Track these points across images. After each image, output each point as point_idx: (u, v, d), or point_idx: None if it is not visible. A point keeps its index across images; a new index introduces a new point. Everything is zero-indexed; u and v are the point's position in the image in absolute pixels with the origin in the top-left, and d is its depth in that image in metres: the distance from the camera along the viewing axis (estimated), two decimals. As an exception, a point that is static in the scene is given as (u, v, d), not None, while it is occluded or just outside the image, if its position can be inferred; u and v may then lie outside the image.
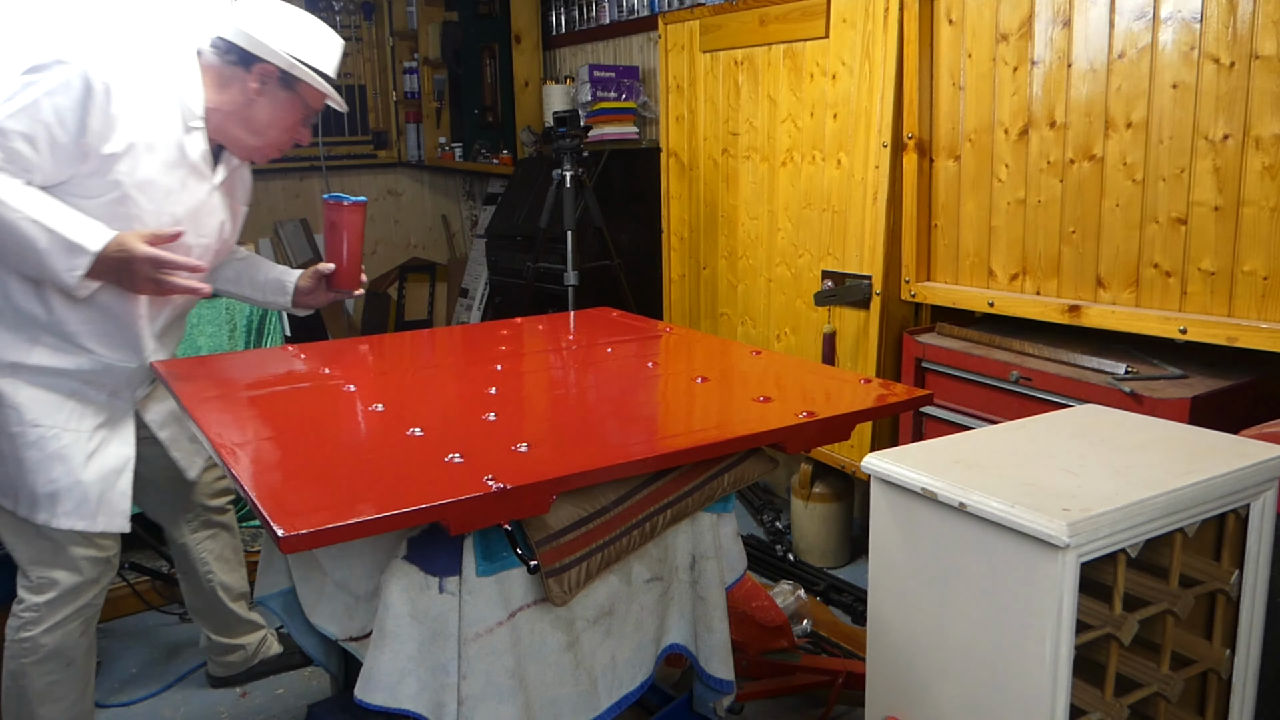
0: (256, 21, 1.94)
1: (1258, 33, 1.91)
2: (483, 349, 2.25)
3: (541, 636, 1.54)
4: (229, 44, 1.94)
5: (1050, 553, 1.22)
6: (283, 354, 2.22)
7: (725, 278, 3.37)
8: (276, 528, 1.22)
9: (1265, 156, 1.94)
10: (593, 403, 1.91)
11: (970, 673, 1.36)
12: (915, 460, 1.43)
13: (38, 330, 1.90)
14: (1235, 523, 1.43)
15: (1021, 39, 2.35)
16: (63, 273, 1.76)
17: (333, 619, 1.62)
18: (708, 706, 1.81)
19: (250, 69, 1.95)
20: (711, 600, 1.72)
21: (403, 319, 5.70)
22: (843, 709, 2.31)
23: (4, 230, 1.72)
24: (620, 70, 4.17)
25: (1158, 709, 1.44)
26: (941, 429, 2.54)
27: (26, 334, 1.90)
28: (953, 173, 2.59)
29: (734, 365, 2.12)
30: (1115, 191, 2.21)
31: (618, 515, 1.56)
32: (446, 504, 1.31)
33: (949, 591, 1.37)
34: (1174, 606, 1.37)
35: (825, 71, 2.86)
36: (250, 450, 1.53)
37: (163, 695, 2.50)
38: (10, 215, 1.71)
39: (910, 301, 2.74)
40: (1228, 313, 2.05)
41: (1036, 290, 2.43)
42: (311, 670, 2.58)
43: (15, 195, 1.72)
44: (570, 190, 3.34)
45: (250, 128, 2.01)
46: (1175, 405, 1.99)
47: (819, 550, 3.11)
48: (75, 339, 1.93)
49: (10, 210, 1.71)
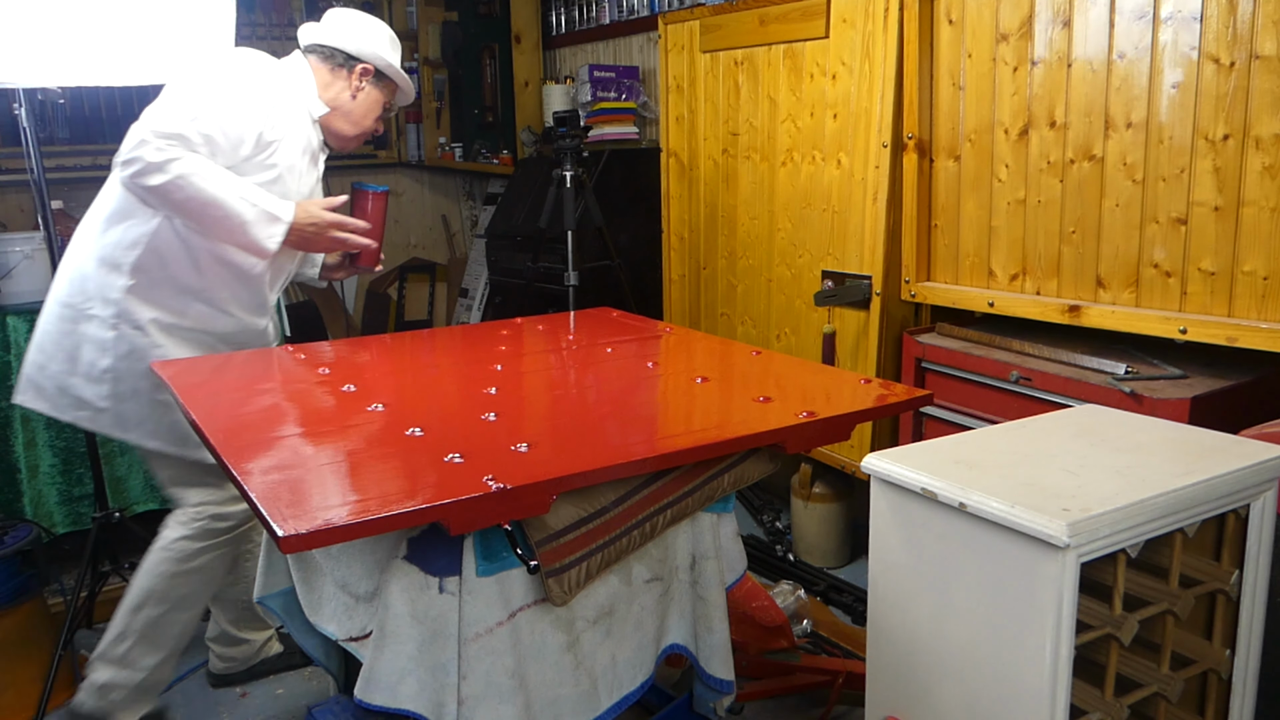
0: (352, 30, 2.31)
1: (1258, 33, 1.91)
2: (483, 349, 2.25)
3: (541, 636, 1.54)
4: (332, 49, 2.29)
5: (1050, 553, 1.22)
6: (283, 354, 2.22)
7: (725, 278, 3.37)
8: (276, 528, 1.22)
9: (1265, 156, 1.94)
10: (593, 403, 1.91)
11: (970, 673, 1.35)
12: (915, 460, 1.43)
13: (191, 298, 2.20)
14: (1235, 523, 1.43)
15: (1021, 39, 2.35)
16: (264, 240, 2.10)
17: (333, 619, 1.62)
18: (708, 706, 1.81)
19: (352, 69, 2.31)
20: (711, 600, 1.72)
21: (403, 319, 5.69)
22: (843, 709, 2.31)
23: (218, 205, 2.04)
24: (620, 70, 4.17)
25: (1158, 709, 1.44)
26: (941, 429, 2.54)
27: (183, 301, 2.20)
28: (953, 173, 2.59)
29: (734, 365, 2.12)
30: (1115, 191, 2.21)
31: (618, 515, 1.56)
32: (446, 504, 1.31)
33: (949, 591, 1.37)
34: (1174, 606, 1.37)
35: (825, 71, 2.86)
36: (250, 450, 1.53)
37: (163, 695, 2.50)
38: (224, 193, 2.05)
39: (910, 301, 2.74)
40: (1228, 313, 2.05)
41: (1036, 290, 2.43)
42: (311, 670, 2.58)
43: (223, 176, 2.06)
44: (570, 190, 3.34)
45: (350, 120, 2.35)
46: (1175, 405, 1.99)
47: (819, 550, 3.11)
48: (221, 304, 2.24)
49: (223, 189, 2.05)
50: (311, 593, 1.66)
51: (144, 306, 2.16)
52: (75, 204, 3.86)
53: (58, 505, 3.04)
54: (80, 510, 3.06)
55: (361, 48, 2.30)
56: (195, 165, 2.02)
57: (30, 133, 2.48)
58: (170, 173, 1.99)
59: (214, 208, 2.05)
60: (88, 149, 4.31)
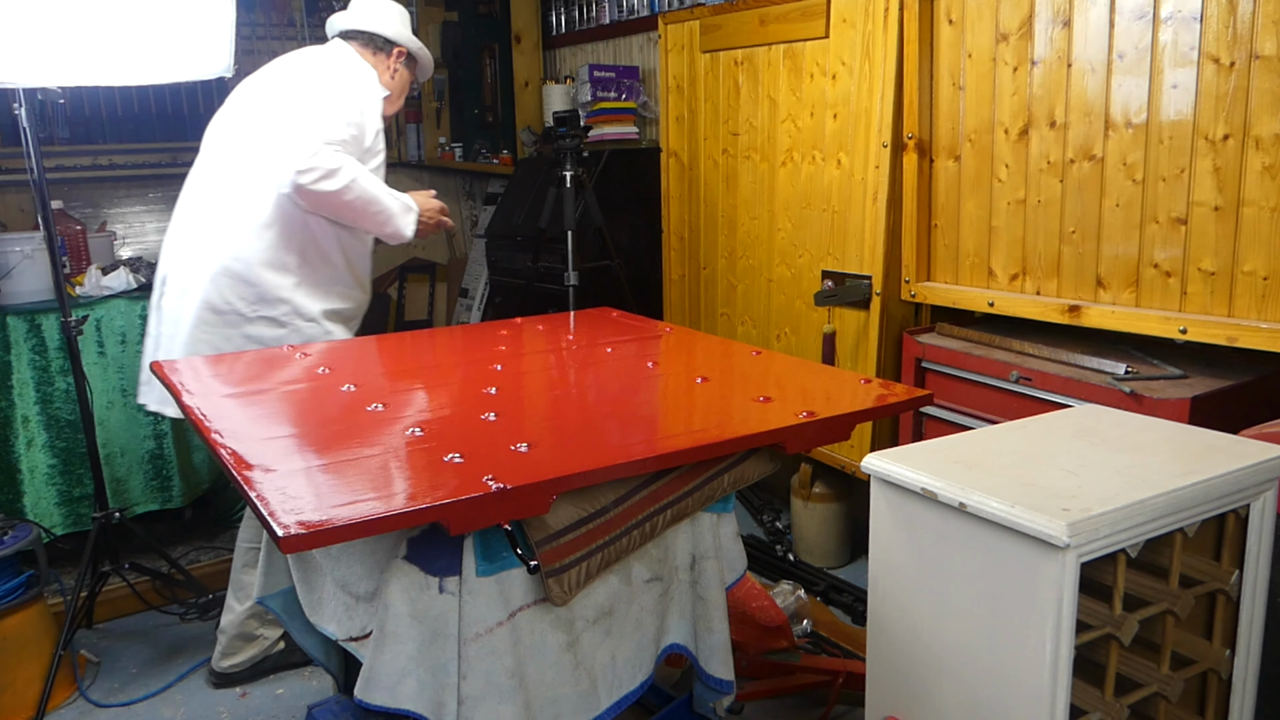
0: (386, 15, 2.53)
1: (1258, 33, 1.91)
2: (483, 349, 2.25)
3: (541, 636, 1.54)
4: (372, 34, 2.51)
5: (1050, 553, 1.22)
6: (283, 354, 2.22)
7: (725, 278, 3.37)
8: (276, 528, 1.22)
9: (1265, 156, 1.94)
10: (593, 403, 1.91)
11: (970, 673, 1.35)
12: (915, 460, 1.43)
13: (334, 283, 2.48)
14: (1235, 523, 1.43)
15: (1021, 39, 2.35)
16: (405, 228, 2.44)
17: (333, 619, 1.62)
18: (708, 706, 1.81)
19: (390, 53, 2.54)
20: (711, 600, 1.72)
21: (403, 319, 5.69)
22: (843, 709, 2.31)
23: (377, 202, 2.36)
24: (620, 70, 4.16)
25: (1158, 709, 1.44)
26: (941, 429, 2.54)
27: (341, 288, 2.49)
28: (953, 173, 2.59)
29: (734, 365, 2.12)
30: (1115, 191, 2.21)
31: (618, 515, 1.56)
32: (446, 504, 1.31)
33: (949, 591, 1.37)
34: (1174, 606, 1.37)
35: (825, 71, 2.86)
36: (250, 450, 1.53)
37: (163, 695, 2.51)
38: (379, 191, 2.36)
39: (910, 301, 2.74)
40: (1228, 313, 2.05)
41: (1036, 290, 2.43)
42: (311, 670, 2.58)
43: (372, 175, 2.35)
44: (570, 190, 3.34)
45: (390, 101, 2.56)
46: (1175, 405, 1.99)
47: (819, 550, 3.11)
48: (360, 284, 2.56)
49: (378, 187, 2.36)
50: (311, 593, 1.66)
51: (313, 300, 2.42)
52: (75, 204, 3.87)
53: (58, 505, 3.04)
54: (80, 510, 3.06)
55: (398, 31, 2.52)
56: (357, 167, 2.29)
57: (30, 133, 2.48)
58: (344, 178, 2.25)
59: (374, 205, 2.35)
60: (88, 149, 4.31)
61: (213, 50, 2.54)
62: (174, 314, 2.39)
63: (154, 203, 4.42)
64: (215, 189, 2.42)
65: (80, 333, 2.61)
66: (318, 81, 2.37)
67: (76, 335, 2.60)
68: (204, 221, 2.41)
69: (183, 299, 2.38)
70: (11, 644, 2.41)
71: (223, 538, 3.33)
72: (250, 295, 2.35)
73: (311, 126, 2.24)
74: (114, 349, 3.08)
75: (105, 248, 3.47)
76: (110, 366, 3.08)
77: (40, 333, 2.97)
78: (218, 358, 2.19)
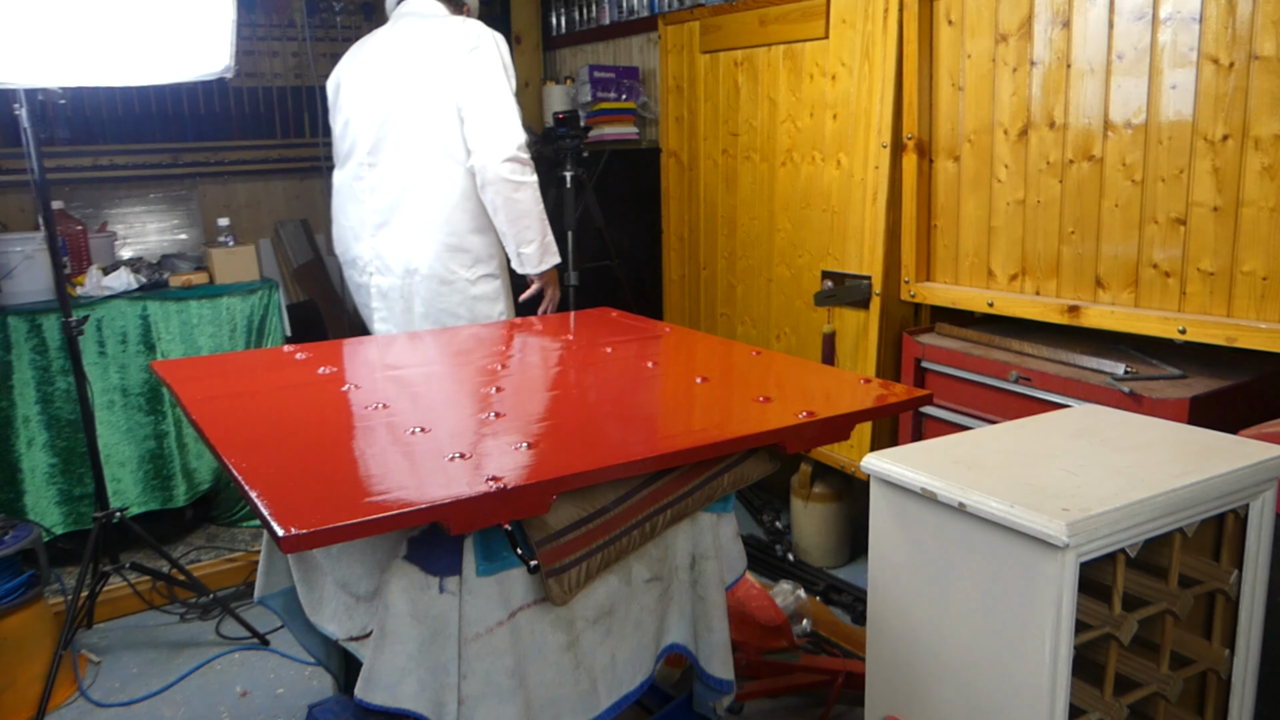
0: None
1: (1257, 33, 1.92)
2: (483, 349, 2.25)
3: (541, 636, 1.54)
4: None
5: (1050, 553, 1.22)
6: (283, 354, 2.22)
7: (725, 278, 3.37)
8: (277, 528, 1.22)
9: (1264, 157, 1.94)
10: (593, 403, 1.91)
11: (970, 673, 1.36)
12: (915, 460, 1.44)
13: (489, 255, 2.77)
14: (1234, 523, 1.44)
15: (1021, 39, 2.36)
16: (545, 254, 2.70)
17: (333, 619, 1.62)
18: (708, 706, 1.82)
19: (460, 9, 2.81)
20: (711, 600, 1.72)
21: (403, 319, 5.68)
22: (843, 709, 2.31)
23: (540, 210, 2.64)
24: (620, 71, 4.17)
25: (1157, 709, 1.44)
26: (941, 429, 2.54)
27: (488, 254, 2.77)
28: (952, 173, 2.59)
29: (734, 365, 2.12)
30: (1114, 192, 2.21)
31: (618, 515, 1.56)
32: (447, 504, 1.32)
33: (949, 591, 1.37)
34: (1173, 606, 1.37)
35: (825, 72, 2.86)
36: (250, 450, 1.53)
37: (163, 695, 2.51)
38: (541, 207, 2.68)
39: (910, 302, 2.74)
40: (1227, 313, 2.05)
41: (1036, 290, 2.43)
42: (311, 670, 2.58)
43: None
44: (570, 190, 3.34)
45: None
46: (1175, 405, 1.99)
47: (819, 550, 3.11)
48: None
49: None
50: (312, 592, 1.66)
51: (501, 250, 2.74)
52: (76, 204, 3.86)
53: (58, 505, 3.04)
54: (80, 510, 3.06)
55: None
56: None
57: (30, 133, 2.48)
58: (533, 177, 2.59)
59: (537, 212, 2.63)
60: (88, 149, 4.30)
61: (213, 50, 2.54)
62: (403, 291, 2.72)
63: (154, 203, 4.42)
64: (399, 170, 2.67)
65: (81, 333, 2.61)
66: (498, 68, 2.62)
67: (77, 335, 2.60)
68: (404, 204, 2.68)
69: (408, 278, 2.70)
70: (12, 644, 2.41)
71: (223, 538, 3.33)
72: (468, 260, 2.69)
73: (510, 120, 2.57)
74: (114, 349, 3.08)
75: (106, 248, 3.47)
76: (111, 366, 3.08)
77: (41, 333, 2.98)
78: (216, 358, 2.19)
